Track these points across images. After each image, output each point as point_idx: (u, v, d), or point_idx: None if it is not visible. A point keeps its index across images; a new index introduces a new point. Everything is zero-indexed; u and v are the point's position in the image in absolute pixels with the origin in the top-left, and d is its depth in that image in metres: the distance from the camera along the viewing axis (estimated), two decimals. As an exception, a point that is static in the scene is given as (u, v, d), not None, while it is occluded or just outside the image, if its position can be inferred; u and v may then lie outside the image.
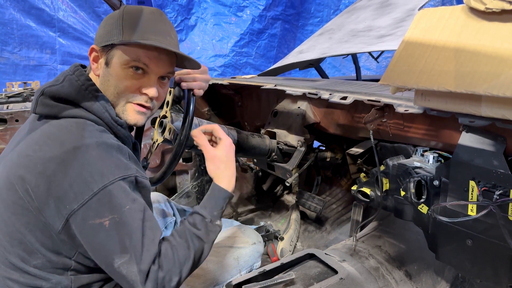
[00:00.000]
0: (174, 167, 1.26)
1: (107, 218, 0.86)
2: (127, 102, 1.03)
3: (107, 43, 0.99)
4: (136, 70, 1.00)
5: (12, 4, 5.08)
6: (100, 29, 1.03)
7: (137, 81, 1.01)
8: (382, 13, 2.34)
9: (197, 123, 1.53)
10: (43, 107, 0.97)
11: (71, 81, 0.99)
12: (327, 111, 1.67)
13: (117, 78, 1.00)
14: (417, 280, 1.50)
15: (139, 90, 1.02)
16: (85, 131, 0.93)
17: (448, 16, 1.04)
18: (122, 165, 0.92)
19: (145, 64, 1.00)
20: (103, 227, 0.86)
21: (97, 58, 1.03)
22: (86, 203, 0.86)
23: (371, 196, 1.39)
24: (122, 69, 1.00)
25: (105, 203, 0.86)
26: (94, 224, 0.86)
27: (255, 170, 2.48)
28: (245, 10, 6.53)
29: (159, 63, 1.02)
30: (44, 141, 0.92)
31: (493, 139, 1.02)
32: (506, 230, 0.96)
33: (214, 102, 2.34)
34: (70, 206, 0.86)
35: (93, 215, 0.86)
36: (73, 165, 0.87)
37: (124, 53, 0.99)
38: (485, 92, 0.88)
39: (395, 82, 1.09)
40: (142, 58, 0.99)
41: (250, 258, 1.24)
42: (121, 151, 0.95)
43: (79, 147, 0.89)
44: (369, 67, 6.46)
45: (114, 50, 1.00)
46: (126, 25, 0.98)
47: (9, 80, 5.37)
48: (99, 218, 0.86)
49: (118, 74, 1.00)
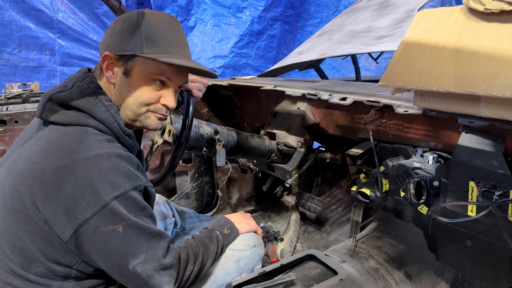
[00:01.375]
0: (174, 169, 1.26)
1: (120, 224, 0.89)
2: (148, 111, 1.06)
3: (126, 53, 0.98)
4: (158, 83, 1.03)
5: (12, 6, 5.08)
6: (114, 36, 1.00)
7: (158, 92, 1.04)
8: (381, 14, 2.35)
9: (197, 124, 1.53)
10: (50, 113, 0.96)
11: (81, 88, 0.99)
12: (326, 112, 1.67)
13: (139, 89, 1.01)
14: (417, 281, 1.50)
15: (158, 100, 1.05)
16: (94, 141, 0.93)
17: (447, 17, 1.04)
18: (133, 175, 0.94)
19: (168, 78, 1.03)
20: (116, 232, 0.88)
21: (111, 66, 1.01)
22: (99, 212, 0.87)
23: (371, 197, 1.39)
24: (144, 80, 1.01)
25: (118, 213, 0.88)
26: (107, 231, 0.88)
27: (254, 171, 2.48)
28: (245, 11, 6.53)
29: (179, 76, 1.06)
30: (51, 149, 0.91)
31: (493, 139, 1.02)
32: (506, 230, 0.96)
33: (213, 103, 2.34)
34: (82, 215, 0.87)
35: (106, 223, 0.88)
36: (84, 175, 0.88)
37: (147, 65, 0.99)
38: (484, 92, 0.88)
39: (395, 82, 1.09)
40: (166, 73, 1.02)
41: (251, 261, 1.24)
42: (130, 161, 0.97)
43: (89, 158, 0.89)
44: (369, 68, 6.46)
45: (135, 61, 0.99)
46: (147, 37, 0.98)
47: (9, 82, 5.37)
48: (113, 225, 0.88)
49: (139, 85, 1.01)
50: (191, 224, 1.58)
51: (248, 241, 1.27)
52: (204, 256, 1.08)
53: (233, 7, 6.51)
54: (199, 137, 1.51)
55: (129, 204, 0.91)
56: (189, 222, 1.58)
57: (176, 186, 2.34)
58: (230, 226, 1.22)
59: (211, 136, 1.54)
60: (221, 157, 1.53)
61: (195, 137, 1.50)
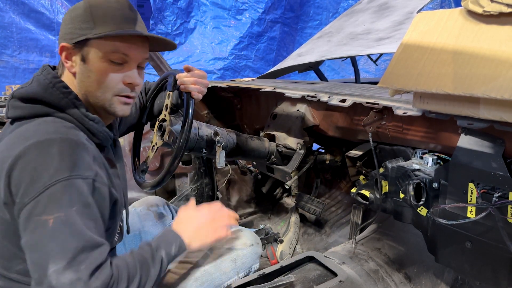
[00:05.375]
0: (174, 170, 1.26)
1: (53, 216, 0.81)
2: (113, 96, 1.01)
3: (80, 38, 0.96)
4: (116, 62, 0.98)
5: (12, 8, 5.10)
6: (66, 25, 0.99)
7: (118, 73, 1.00)
8: (380, 16, 2.36)
9: (197, 126, 1.53)
10: (13, 110, 0.95)
11: (39, 81, 0.98)
12: (326, 114, 1.67)
13: (99, 73, 0.98)
14: (417, 283, 1.50)
15: (122, 81, 1.01)
16: (51, 127, 0.91)
17: (446, 19, 1.05)
18: (83, 164, 0.87)
19: (124, 53, 0.99)
20: (46, 225, 0.80)
21: (69, 56, 1.00)
22: (37, 197, 0.81)
23: (371, 199, 1.39)
24: (102, 62, 0.97)
25: (55, 199, 0.82)
26: (39, 221, 0.81)
27: (254, 173, 2.48)
28: (244, 13, 6.55)
29: (137, 50, 1.01)
30: (12, 142, 0.89)
31: (492, 141, 1.02)
32: (505, 232, 0.96)
33: (213, 105, 2.34)
34: (21, 200, 0.83)
35: (40, 210, 0.81)
36: (31, 160, 0.84)
37: (101, 46, 0.97)
38: (483, 94, 0.89)
39: (394, 84, 1.09)
40: (120, 48, 0.98)
41: (248, 260, 1.23)
42: (86, 150, 0.91)
43: (41, 142, 0.86)
44: (368, 70, 6.48)
45: (89, 45, 0.97)
46: (96, 18, 0.96)
47: (9, 83, 5.37)
48: (46, 215, 0.81)
49: (98, 68, 0.98)
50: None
51: (245, 239, 1.26)
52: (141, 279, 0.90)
53: (233, 9, 6.53)
54: (199, 139, 1.51)
55: (71, 193, 0.83)
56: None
57: (176, 188, 2.34)
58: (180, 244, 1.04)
59: (211, 138, 1.54)
60: (221, 159, 1.53)
61: (195, 139, 1.50)
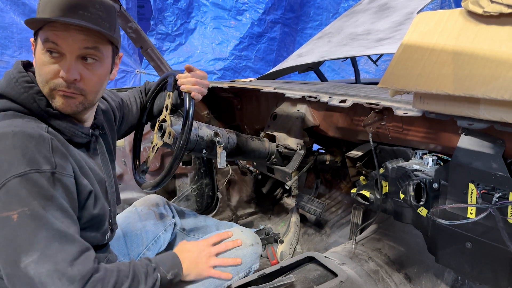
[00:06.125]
0: (174, 171, 1.26)
1: (16, 211, 0.79)
2: (52, 90, 0.95)
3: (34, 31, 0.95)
4: (51, 53, 0.93)
5: (12, 8, 5.10)
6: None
7: (54, 65, 0.93)
8: (380, 17, 2.36)
9: (197, 126, 1.53)
10: None
11: (7, 77, 0.97)
12: (326, 114, 1.68)
13: (38, 66, 0.95)
14: (417, 283, 1.50)
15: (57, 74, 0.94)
16: (6, 122, 0.89)
17: (446, 20, 1.05)
18: (39, 157, 0.84)
19: (54, 43, 0.92)
20: (10, 221, 0.79)
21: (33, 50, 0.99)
22: None
23: (371, 199, 1.39)
24: (41, 54, 0.94)
25: (14, 195, 0.80)
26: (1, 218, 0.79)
27: (254, 173, 2.48)
28: (245, 13, 6.55)
29: (69, 40, 0.92)
30: None
31: (492, 141, 1.02)
32: (506, 232, 0.96)
33: (213, 105, 2.35)
34: None
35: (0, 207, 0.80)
36: None
37: (41, 36, 0.94)
38: (483, 95, 0.89)
39: (394, 85, 1.09)
40: (50, 37, 0.92)
41: (248, 260, 1.24)
42: (42, 142, 0.87)
43: None
44: (368, 70, 6.47)
45: (37, 36, 0.95)
46: (40, 7, 0.94)
47: (9, 84, 5.36)
48: (7, 211, 0.79)
49: (38, 59, 0.95)
50: (191, 224, 1.58)
51: (246, 239, 1.26)
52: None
53: (233, 10, 6.52)
54: (199, 139, 1.51)
55: (29, 188, 0.81)
56: (190, 223, 1.58)
57: (176, 188, 2.34)
58: (177, 272, 1.07)
59: (211, 138, 1.55)
60: (222, 159, 1.53)
61: (195, 139, 1.50)
